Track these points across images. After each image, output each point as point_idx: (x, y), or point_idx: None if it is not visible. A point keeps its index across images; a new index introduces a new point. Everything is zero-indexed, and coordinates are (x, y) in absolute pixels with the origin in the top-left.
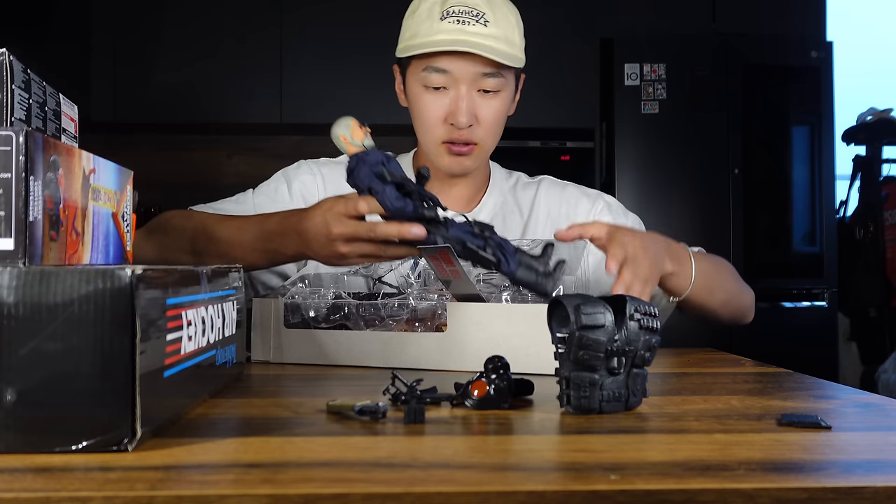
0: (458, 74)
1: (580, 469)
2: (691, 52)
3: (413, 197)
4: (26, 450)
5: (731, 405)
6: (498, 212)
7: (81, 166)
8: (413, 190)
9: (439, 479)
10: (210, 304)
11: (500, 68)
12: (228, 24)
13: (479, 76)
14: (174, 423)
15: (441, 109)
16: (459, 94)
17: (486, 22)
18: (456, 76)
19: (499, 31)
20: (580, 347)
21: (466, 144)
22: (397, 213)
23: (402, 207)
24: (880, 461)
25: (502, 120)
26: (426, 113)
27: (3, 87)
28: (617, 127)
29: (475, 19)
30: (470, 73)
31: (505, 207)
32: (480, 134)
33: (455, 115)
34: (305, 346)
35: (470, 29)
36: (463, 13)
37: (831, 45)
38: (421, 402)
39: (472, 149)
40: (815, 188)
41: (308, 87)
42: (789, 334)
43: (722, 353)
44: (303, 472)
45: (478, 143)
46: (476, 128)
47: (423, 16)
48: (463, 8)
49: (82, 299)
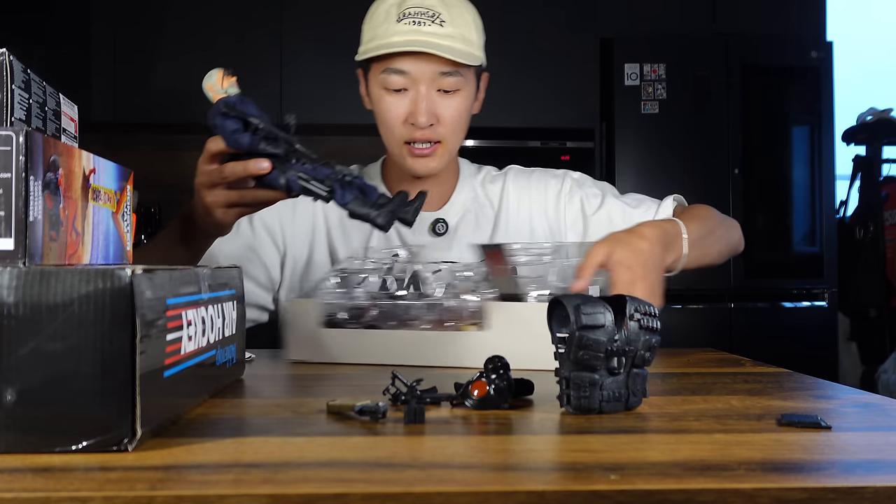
0: (417, 75)
1: (580, 469)
2: (691, 52)
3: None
4: (26, 450)
5: (731, 405)
6: (469, 207)
7: (81, 166)
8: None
9: (439, 479)
10: (210, 304)
11: (459, 67)
12: (228, 24)
13: (438, 76)
14: (174, 423)
15: (401, 110)
16: (419, 94)
17: (441, 22)
18: (414, 76)
19: (455, 31)
20: (580, 347)
21: (429, 145)
22: (238, 146)
23: (238, 139)
24: (880, 461)
25: (464, 118)
26: (387, 114)
27: (3, 87)
28: (617, 127)
29: (430, 20)
30: (428, 73)
31: (476, 202)
32: (442, 132)
33: (415, 114)
34: (344, 345)
35: (425, 29)
36: (418, 14)
37: (831, 45)
38: (421, 402)
39: (436, 148)
40: (815, 188)
41: (308, 87)
42: (789, 334)
43: (722, 353)
44: (303, 472)
45: (440, 142)
46: (437, 127)
47: (380, 18)
48: (418, 9)
49: (82, 299)
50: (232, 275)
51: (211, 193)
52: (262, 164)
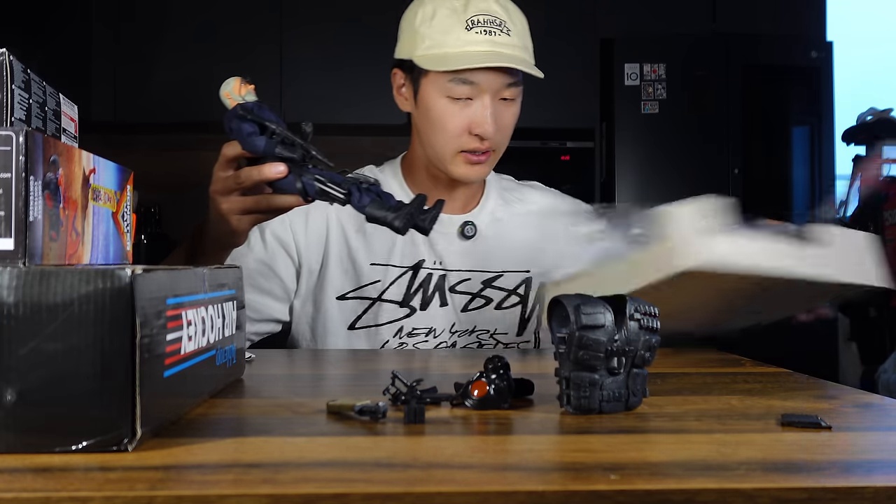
0: (486, 85)
1: (580, 469)
2: (691, 52)
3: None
4: (26, 450)
5: (731, 405)
6: (498, 212)
7: (81, 166)
8: (276, 132)
9: (439, 479)
10: (210, 304)
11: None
12: (229, 24)
13: (503, 86)
14: (174, 423)
15: (465, 120)
16: (484, 104)
17: (507, 31)
18: (483, 87)
19: (518, 40)
20: (580, 347)
21: (485, 153)
22: (254, 149)
23: (255, 142)
24: (880, 461)
25: (514, 126)
26: (448, 123)
27: (3, 87)
28: (617, 127)
29: (499, 28)
30: (497, 84)
31: (505, 208)
32: (498, 140)
33: (482, 125)
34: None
35: (498, 40)
36: (488, 23)
37: (831, 45)
38: (421, 402)
39: (489, 155)
40: (815, 188)
41: (308, 87)
42: (789, 334)
43: (722, 353)
44: (303, 472)
45: (495, 151)
46: (495, 135)
47: (444, 24)
48: (487, 17)
49: (82, 299)
50: (232, 275)
51: (227, 200)
52: (278, 168)
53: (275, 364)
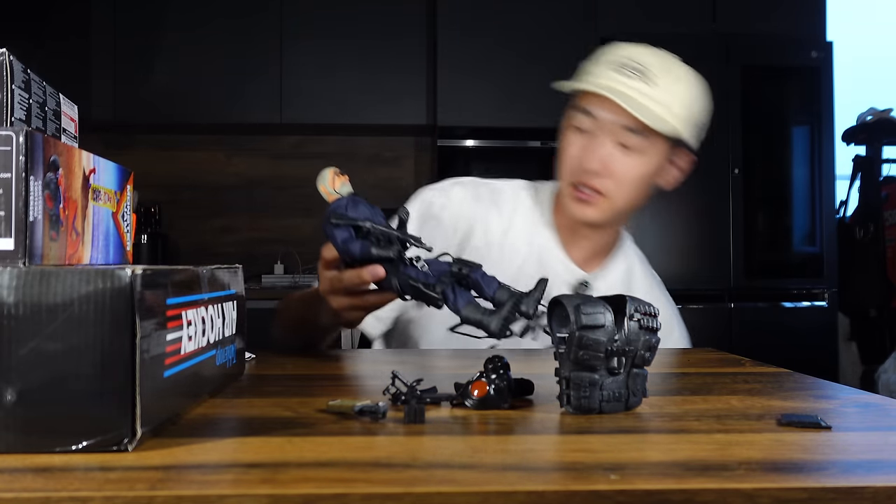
0: (601, 120)
1: (580, 469)
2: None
3: (370, 237)
4: (26, 450)
5: (731, 405)
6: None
7: (81, 166)
8: (370, 230)
9: (439, 479)
10: (210, 304)
11: (646, 128)
12: (228, 24)
13: (621, 129)
14: (174, 423)
15: (578, 151)
16: (597, 140)
17: (650, 82)
18: (599, 122)
19: (658, 95)
20: (580, 347)
21: (592, 192)
22: (350, 255)
23: (350, 248)
24: (880, 461)
25: (638, 181)
26: (565, 151)
27: (3, 87)
28: None
29: (641, 76)
30: (610, 122)
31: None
32: (609, 185)
33: (587, 158)
34: None
35: (630, 82)
36: (633, 69)
37: (831, 45)
38: (421, 402)
39: (598, 199)
40: (815, 188)
41: (308, 87)
42: (789, 334)
43: (722, 353)
44: (303, 472)
45: (604, 195)
46: (605, 179)
47: (601, 62)
48: (635, 64)
49: (82, 299)
50: (232, 275)
51: (335, 299)
52: (376, 272)
53: (275, 364)
